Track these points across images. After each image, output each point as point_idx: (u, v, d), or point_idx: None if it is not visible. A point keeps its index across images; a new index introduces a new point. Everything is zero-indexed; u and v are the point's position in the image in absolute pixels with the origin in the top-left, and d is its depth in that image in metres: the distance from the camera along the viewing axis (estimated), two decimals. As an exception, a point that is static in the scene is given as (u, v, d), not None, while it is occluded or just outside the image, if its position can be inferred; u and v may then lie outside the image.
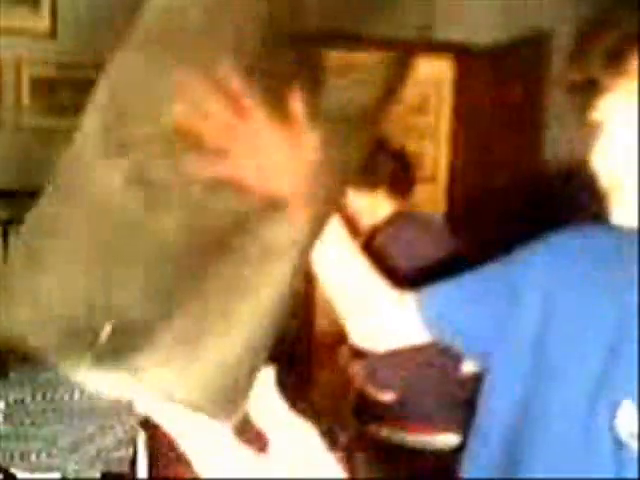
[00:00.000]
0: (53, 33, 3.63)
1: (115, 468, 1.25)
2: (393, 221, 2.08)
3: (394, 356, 1.21)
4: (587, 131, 0.73)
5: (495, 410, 0.85)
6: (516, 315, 0.84)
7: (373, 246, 1.97)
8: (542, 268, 0.85)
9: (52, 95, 3.67)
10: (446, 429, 2.01)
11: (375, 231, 2.05)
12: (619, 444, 0.68)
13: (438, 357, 1.85)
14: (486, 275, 0.91)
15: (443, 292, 0.93)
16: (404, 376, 1.97)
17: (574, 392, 0.74)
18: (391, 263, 1.77)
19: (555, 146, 3.53)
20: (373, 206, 2.10)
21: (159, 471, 1.35)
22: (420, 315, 0.92)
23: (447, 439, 2.01)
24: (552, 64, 3.49)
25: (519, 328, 0.84)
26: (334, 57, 0.59)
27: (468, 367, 1.95)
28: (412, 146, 4.46)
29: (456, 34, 4.02)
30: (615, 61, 0.66)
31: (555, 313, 0.80)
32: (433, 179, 5.08)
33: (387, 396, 2.00)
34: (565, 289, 0.81)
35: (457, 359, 1.89)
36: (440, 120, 5.25)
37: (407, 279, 1.84)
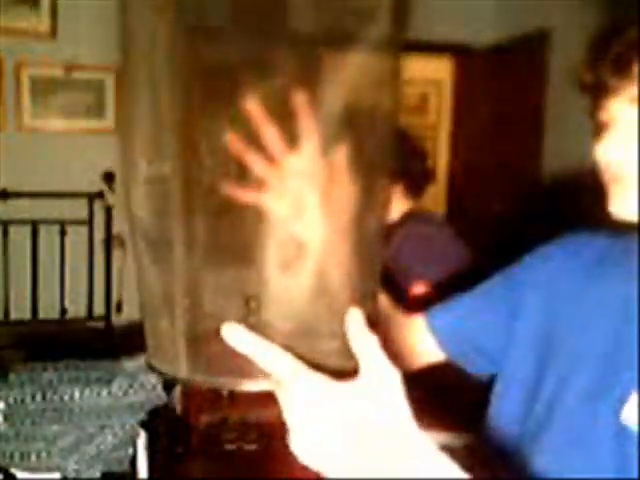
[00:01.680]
0: (53, 33, 3.63)
1: (115, 468, 1.25)
2: (405, 221, 2.06)
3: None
4: (591, 130, 0.77)
5: (503, 412, 0.88)
6: (521, 320, 0.88)
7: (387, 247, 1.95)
8: (545, 271, 0.89)
9: (52, 95, 3.66)
10: (456, 428, 1.99)
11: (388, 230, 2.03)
12: (625, 433, 0.71)
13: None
14: (491, 286, 0.95)
15: (451, 306, 0.98)
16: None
17: (581, 383, 0.77)
18: (405, 264, 1.76)
19: (555, 146, 3.53)
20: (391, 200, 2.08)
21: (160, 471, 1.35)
22: (431, 332, 0.96)
23: (454, 438, 2.00)
24: (551, 64, 3.50)
25: (524, 330, 0.87)
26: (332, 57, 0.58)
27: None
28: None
29: (456, 34, 4.02)
30: (621, 66, 0.71)
31: (560, 312, 0.84)
32: (433, 179, 5.08)
33: None
34: (568, 288, 0.85)
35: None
36: (440, 120, 5.26)
37: (422, 279, 1.83)
